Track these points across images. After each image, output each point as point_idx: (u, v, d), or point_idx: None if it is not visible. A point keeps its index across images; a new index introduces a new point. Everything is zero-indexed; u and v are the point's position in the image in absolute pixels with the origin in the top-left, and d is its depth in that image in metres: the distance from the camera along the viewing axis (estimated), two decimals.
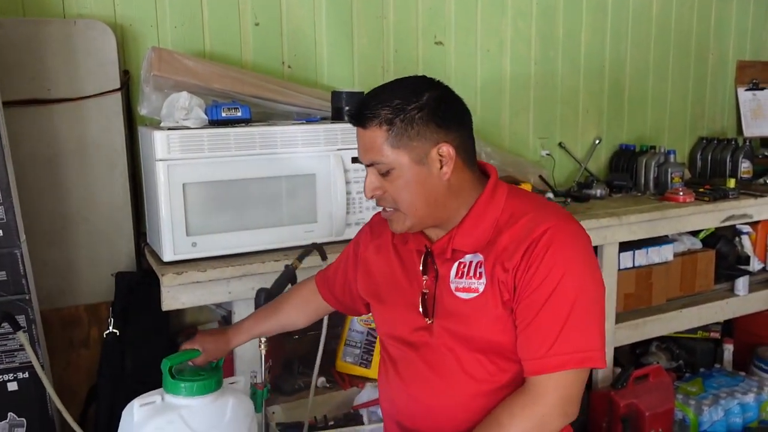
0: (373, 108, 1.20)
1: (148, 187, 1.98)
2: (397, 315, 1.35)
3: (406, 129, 1.18)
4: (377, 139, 1.19)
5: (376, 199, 1.26)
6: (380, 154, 1.20)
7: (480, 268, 1.23)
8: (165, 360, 1.31)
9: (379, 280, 1.40)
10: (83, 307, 2.08)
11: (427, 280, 1.30)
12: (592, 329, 1.18)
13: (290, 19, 2.39)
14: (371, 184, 1.24)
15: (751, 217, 2.92)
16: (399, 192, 1.21)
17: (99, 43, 2.02)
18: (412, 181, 1.21)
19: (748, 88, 3.61)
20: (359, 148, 1.25)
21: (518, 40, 2.88)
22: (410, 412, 1.33)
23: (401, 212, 1.24)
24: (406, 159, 1.20)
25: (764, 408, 2.78)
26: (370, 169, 1.23)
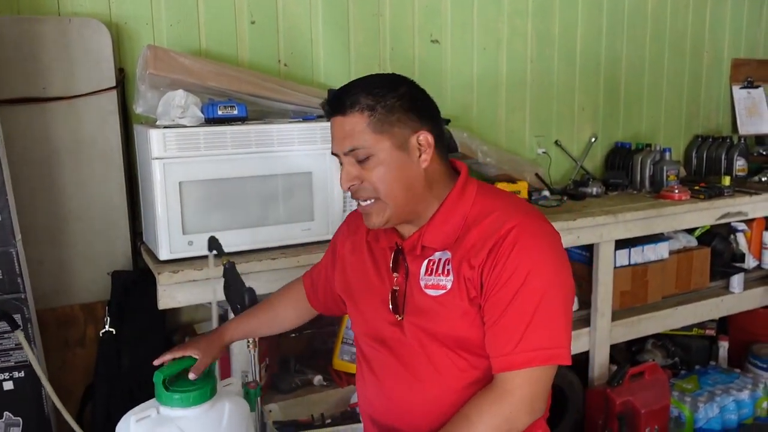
0: (353, 95, 1.20)
1: (144, 185, 1.97)
2: (369, 312, 1.35)
3: (387, 115, 1.20)
4: (358, 125, 1.20)
5: (352, 191, 1.25)
6: (362, 139, 1.20)
7: (447, 265, 1.24)
8: (157, 372, 1.28)
9: (353, 277, 1.40)
10: (79, 307, 2.08)
11: (398, 277, 1.30)
12: (559, 326, 1.19)
13: (286, 17, 2.39)
14: (348, 174, 1.23)
15: (746, 215, 2.93)
16: (379, 179, 1.21)
17: (94, 42, 2.01)
18: (393, 167, 1.21)
19: (743, 86, 3.62)
20: (336, 138, 1.24)
21: (514, 38, 2.88)
22: (384, 409, 1.34)
23: (381, 202, 1.23)
24: (387, 144, 1.20)
25: (759, 405, 2.79)
26: (347, 158, 1.22)
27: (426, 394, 1.28)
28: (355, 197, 1.26)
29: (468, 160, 2.60)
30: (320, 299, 1.56)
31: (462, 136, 2.56)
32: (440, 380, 1.26)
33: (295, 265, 1.92)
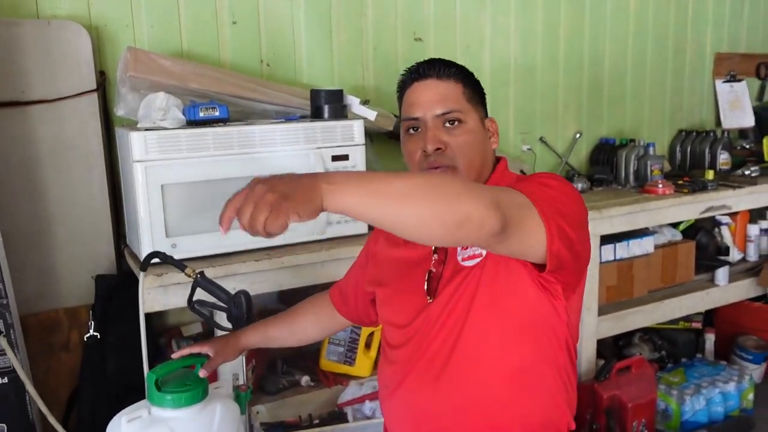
0: (449, 64, 1.27)
1: (126, 188, 1.96)
2: (400, 297, 1.33)
3: (475, 92, 1.29)
4: (454, 91, 1.25)
5: (430, 157, 1.23)
6: (457, 103, 1.24)
7: None
8: (150, 372, 1.28)
9: (386, 267, 1.39)
10: (63, 311, 2.07)
11: (436, 261, 1.28)
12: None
13: (268, 17, 2.38)
14: (435, 136, 1.23)
15: (730, 208, 2.96)
16: (465, 145, 1.24)
17: (74, 44, 2.00)
18: (476, 139, 1.26)
19: (726, 80, 3.65)
20: (424, 102, 1.24)
21: (497, 36, 2.88)
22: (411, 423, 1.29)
23: (458, 171, 1.24)
24: (475, 116, 1.28)
25: (745, 396, 2.82)
26: (435, 121, 1.24)
27: (455, 393, 1.22)
28: (429, 164, 1.24)
29: None
30: (351, 307, 1.54)
31: None
32: (472, 373, 1.21)
33: (279, 266, 1.92)
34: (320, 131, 2.00)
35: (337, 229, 2.05)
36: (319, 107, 2.10)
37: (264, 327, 1.52)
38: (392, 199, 0.93)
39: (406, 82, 1.30)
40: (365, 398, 2.04)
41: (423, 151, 1.24)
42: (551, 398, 1.26)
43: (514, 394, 1.22)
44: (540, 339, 1.22)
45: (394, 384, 1.31)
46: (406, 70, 1.31)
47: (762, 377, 3.11)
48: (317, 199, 0.91)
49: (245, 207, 0.90)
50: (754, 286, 3.14)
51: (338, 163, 2.02)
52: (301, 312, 1.58)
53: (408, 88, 1.29)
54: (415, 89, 1.27)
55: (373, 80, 2.61)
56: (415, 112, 1.26)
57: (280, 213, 0.88)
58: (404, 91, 1.31)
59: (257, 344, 1.52)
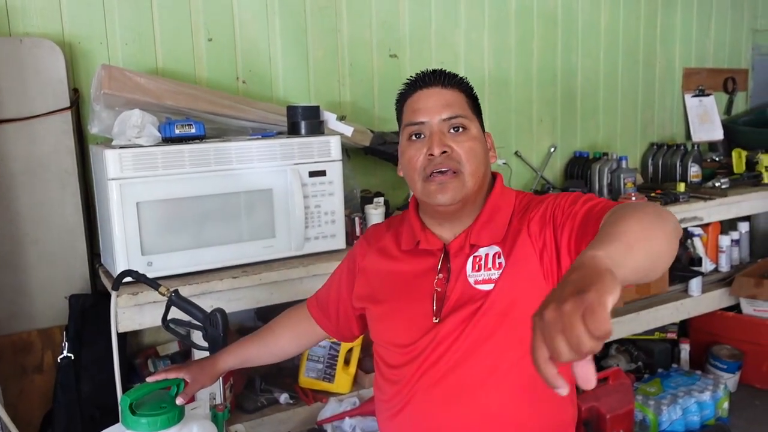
0: (451, 75, 1.29)
1: (100, 206, 1.94)
2: (403, 319, 1.29)
3: (475, 103, 1.32)
4: (459, 98, 1.27)
5: (436, 161, 1.23)
6: (463, 110, 1.26)
7: (499, 259, 1.23)
8: (124, 396, 1.26)
9: (380, 282, 1.35)
10: (36, 332, 2.03)
11: (440, 280, 1.27)
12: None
13: (244, 35, 2.39)
14: (441, 140, 1.23)
15: (702, 220, 3.01)
16: (470, 151, 1.24)
17: (47, 62, 1.98)
18: (479, 146, 1.27)
19: (695, 94, 3.73)
20: (430, 107, 1.25)
21: (471, 52, 2.92)
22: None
23: (461, 177, 1.23)
24: (477, 125, 1.29)
25: (720, 405, 2.85)
26: (440, 126, 1.24)
27: (470, 409, 1.21)
28: (433, 169, 1.23)
29: None
30: (332, 321, 1.50)
31: None
32: (489, 388, 1.20)
33: (257, 283, 1.91)
34: (297, 147, 2.00)
35: (314, 244, 2.05)
36: (295, 123, 2.10)
37: (240, 348, 1.48)
38: (641, 244, 0.88)
39: (408, 91, 1.30)
40: (345, 415, 2.03)
41: (429, 154, 1.24)
42: (562, 402, 1.26)
43: (531, 405, 1.22)
44: None
45: (400, 404, 1.28)
46: (408, 80, 1.31)
47: (736, 386, 3.16)
48: (608, 273, 0.73)
49: (554, 341, 0.69)
50: (726, 296, 3.20)
51: (315, 179, 2.02)
52: (277, 328, 1.54)
53: (410, 96, 1.29)
54: (420, 97, 1.27)
55: (349, 96, 2.62)
56: (420, 117, 1.26)
57: (593, 308, 0.67)
58: (406, 99, 1.31)
59: (235, 366, 1.48)
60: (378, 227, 1.48)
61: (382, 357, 1.35)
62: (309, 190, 2.02)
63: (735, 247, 3.44)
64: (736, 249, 3.46)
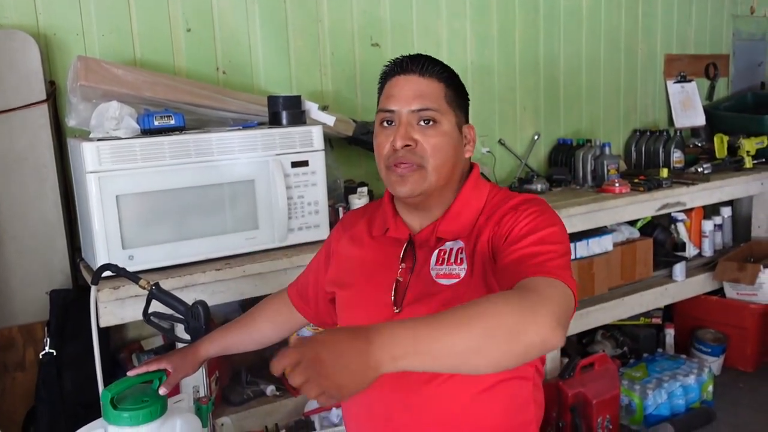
0: (434, 62, 1.23)
1: (80, 200, 1.92)
2: (364, 304, 1.29)
3: (456, 95, 1.25)
4: (435, 90, 1.21)
5: (398, 153, 1.20)
6: (436, 103, 1.21)
7: (461, 254, 1.22)
8: (105, 391, 1.24)
9: (350, 269, 1.34)
10: (17, 329, 2.00)
11: (403, 269, 1.26)
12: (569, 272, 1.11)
13: (223, 25, 2.36)
14: (407, 133, 1.20)
15: (685, 205, 3.03)
16: (435, 147, 1.20)
17: (21, 54, 1.95)
18: (450, 142, 1.22)
19: (677, 80, 3.75)
20: (404, 95, 1.21)
21: (454, 40, 2.91)
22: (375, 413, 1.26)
23: (424, 171, 1.21)
24: (452, 119, 1.23)
25: (705, 388, 2.88)
26: (410, 117, 1.20)
27: (423, 407, 1.20)
28: (396, 161, 1.21)
29: None
30: (311, 306, 1.49)
31: None
32: (444, 388, 1.18)
33: (240, 275, 1.89)
34: (279, 138, 1.98)
35: (298, 235, 2.03)
36: (276, 113, 2.08)
37: (221, 335, 1.47)
38: (459, 355, 0.89)
39: (389, 73, 1.26)
40: (332, 406, 2.03)
41: (392, 146, 1.21)
42: (523, 402, 1.26)
43: (489, 404, 1.21)
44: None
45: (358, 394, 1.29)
46: (390, 61, 1.27)
47: (720, 369, 3.19)
48: (369, 373, 0.85)
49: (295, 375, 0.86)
50: (710, 281, 3.23)
51: (298, 169, 2.00)
52: (258, 315, 1.53)
53: (389, 79, 1.25)
54: (396, 82, 1.23)
55: (331, 85, 2.60)
56: (391, 105, 1.22)
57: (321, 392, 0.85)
58: (385, 82, 1.27)
59: (217, 353, 1.46)
60: (355, 213, 1.47)
61: None
62: (291, 181, 2.00)
63: (718, 231, 3.47)
64: (719, 234, 3.49)
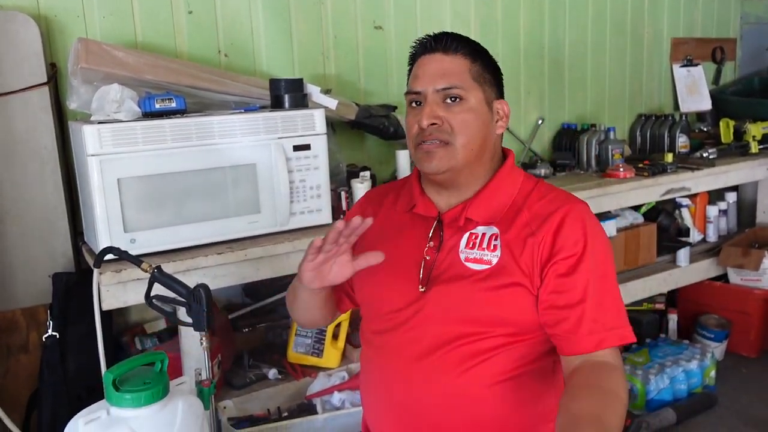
0: (459, 39, 1.25)
1: (81, 183, 1.91)
2: (388, 283, 1.28)
3: (483, 71, 1.25)
4: (460, 67, 1.22)
5: (426, 131, 1.21)
6: (461, 80, 1.21)
7: (495, 241, 1.22)
8: (107, 372, 1.24)
9: (373, 241, 1.31)
10: (20, 312, 2.00)
11: (430, 248, 1.26)
12: (622, 306, 1.24)
13: (225, 7, 2.34)
14: (432, 111, 1.21)
15: (689, 190, 3.01)
16: (462, 123, 1.21)
17: (22, 36, 1.93)
18: (478, 118, 1.23)
19: (683, 64, 3.71)
20: (428, 74, 1.22)
21: (457, 24, 2.88)
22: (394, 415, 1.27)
23: (452, 148, 1.21)
24: (479, 95, 1.23)
25: (707, 374, 2.88)
26: (435, 96, 1.21)
27: (445, 386, 1.20)
28: (425, 138, 1.22)
29: None
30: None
31: None
32: (465, 376, 1.19)
33: (242, 258, 1.89)
34: (281, 121, 1.97)
35: (300, 219, 2.03)
36: (279, 97, 2.07)
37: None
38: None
39: (415, 54, 1.28)
40: (334, 389, 2.03)
41: (419, 125, 1.22)
42: (546, 392, 1.26)
43: (514, 393, 1.21)
44: (535, 344, 1.23)
45: (377, 370, 1.29)
46: (416, 42, 1.28)
47: (723, 354, 3.19)
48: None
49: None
50: (714, 266, 3.21)
51: (300, 153, 1.99)
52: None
53: (415, 60, 1.27)
54: (422, 62, 1.25)
55: (334, 69, 2.58)
56: (417, 86, 1.24)
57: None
58: (412, 64, 1.29)
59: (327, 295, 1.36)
60: (379, 189, 1.48)
61: (366, 321, 1.35)
62: (293, 165, 1.99)
63: (722, 217, 3.45)
64: (724, 219, 3.47)
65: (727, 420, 2.71)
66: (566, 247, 1.18)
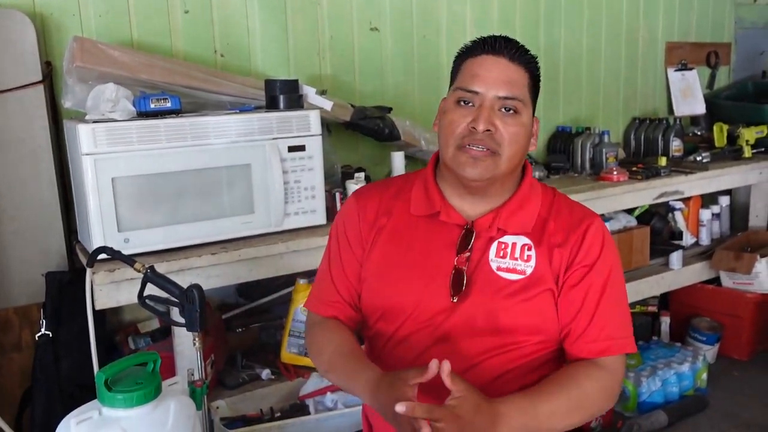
0: (524, 50, 1.22)
1: (76, 182, 1.91)
2: (412, 285, 1.24)
3: (536, 87, 1.25)
4: (522, 79, 1.20)
5: (478, 136, 1.17)
6: (522, 93, 1.20)
7: (529, 251, 1.22)
8: (99, 372, 1.24)
9: (393, 256, 1.27)
10: (13, 310, 2.00)
11: (460, 258, 1.23)
12: (629, 317, 1.31)
13: (221, 6, 2.34)
14: (489, 118, 1.17)
15: (683, 194, 3.02)
16: (514, 136, 1.19)
17: (17, 34, 1.93)
18: (525, 133, 1.22)
19: (677, 68, 3.72)
20: (492, 78, 1.18)
21: (454, 26, 2.88)
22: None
23: (497, 157, 1.19)
24: (530, 111, 1.23)
25: (699, 376, 2.89)
26: (494, 103, 1.18)
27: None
28: (473, 141, 1.18)
29: (411, 148, 2.60)
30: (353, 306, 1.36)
31: (404, 125, 2.56)
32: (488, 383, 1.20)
33: (236, 259, 1.89)
34: (276, 122, 1.97)
35: (294, 220, 2.03)
36: (274, 97, 2.07)
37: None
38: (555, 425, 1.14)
39: (475, 50, 1.21)
40: (327, 390, 2.04)
41: (471, 127, 1.18)
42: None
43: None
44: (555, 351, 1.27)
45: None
46: (477, 39, 1.22)
47: (715, 357, 3.20)
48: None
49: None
50: (706, 269, 3.23)
51: (295, 154, 2.00)
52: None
53: (474, 57, 1.20)
54: (484, 61, 1.19)
55: (329, 70, 2.59)
56: (476, 86, 1.18)
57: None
58: (468, 58, 1.22)
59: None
60: (371, 189, 1.39)
61: (383, 327, 1.28)
62: (288, 165, 1.99)
63: (715, 220, 3.47)
64: (717, 223, 3.49)
65: (718, 423, 2.73)
66: (584, 257, 1.22)
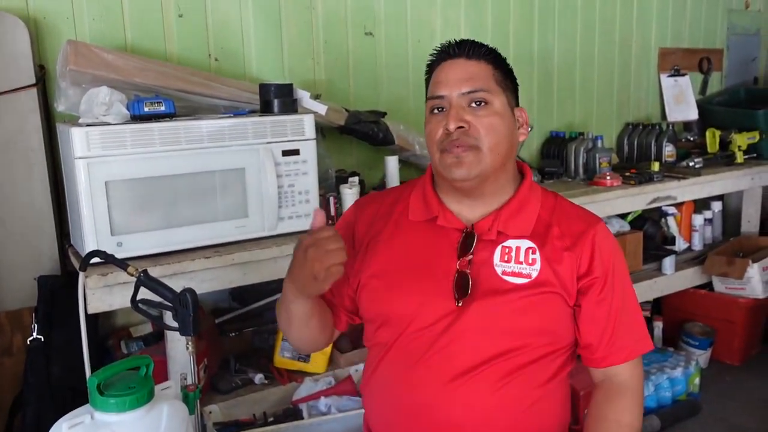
0: (481, 45, 1.25)
1: (69, 186, 1.90)
2: (415, 290, 1.23)
3: (506, 77, 1.26)
4: (483, 71, 1.22)
5: (452, 137, 1.19)
6: (486, 83, 1.21)
7: (533, 254, 1.22)
8: (92, 377, 1.24)
9: (393, 260, 1.27)
10: (4, 314, 1.99)
11: (462, 261, 1.22)
12: (642, 319, 1.33)
13: (215, 11, 2.34)
14: (458, 115, 1.19)
15: (675, 199, 3.04)
16: (489, 127, 1.20)
17: (10, 37, 1.93)
18: (503, 121, 1.22)
19: (670, 74, 3.75)
20: (453, 79, 1.21)
21: (448, 31, 2.89)
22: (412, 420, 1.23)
23: (481, 151, 1.19)
24: (503, 100, 1.23)
25: (692, 381, 2.90)
26: (460, 100, 1.20)
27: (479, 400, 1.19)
28: (451, 144, 1.20)
29: (405, 152, 2.60)
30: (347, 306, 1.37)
31: (398, 129, 2.56)
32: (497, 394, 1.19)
33: (230, 263, 1.89)
34: (270, 126, 1.97)
35: (288, 224, 2.03)
36: (268, 102, 2.07)
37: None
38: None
39: (435, 61, 1.27)
40: (320, 394, 2.03)
41: (445, 129, 1.20)
42: (561, 406, 1.30)
43: (537, 405, 1.23)
44: (562, 354, 1.28)
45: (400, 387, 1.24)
46: (435, 50, 1.28)
47: (707, 362, 3.21)
48: None
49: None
50: (699, 274, 3.24)
51: (289, 158, 1.99)
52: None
53: (436, 67, 1.26)
54: (443, 68, 1.23)
55: (324, 74, 2.59)
56: (440, 91, 1.22)
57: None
58: (432, 70, 1.27)
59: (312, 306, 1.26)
60: (374, 197, 1.43)
61: (382, 333, 1.27)
62: (282, 170, 1.99)
63: (708, 226, 3.49)
64: (709, 228, 3.50)
65: (711, 427, 2.73)
66: (597, 268, 1.23)
